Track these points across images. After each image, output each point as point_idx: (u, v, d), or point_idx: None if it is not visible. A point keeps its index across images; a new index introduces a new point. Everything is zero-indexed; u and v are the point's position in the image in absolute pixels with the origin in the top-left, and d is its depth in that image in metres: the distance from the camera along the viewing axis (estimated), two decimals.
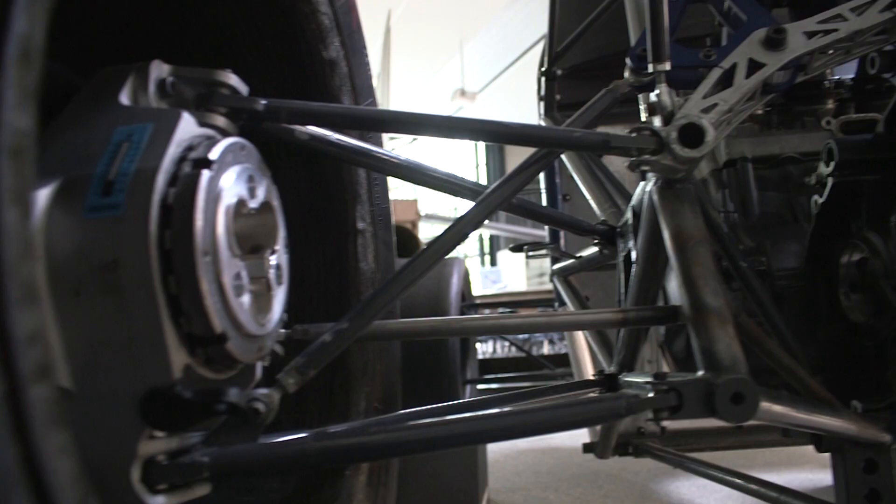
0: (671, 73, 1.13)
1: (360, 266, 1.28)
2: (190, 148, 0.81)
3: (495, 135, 1.02)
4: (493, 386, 4.98)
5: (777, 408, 1.04)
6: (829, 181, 1.41)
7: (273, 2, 1.10)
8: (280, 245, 0.95)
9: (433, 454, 2.84)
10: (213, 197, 0.78)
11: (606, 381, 1.50)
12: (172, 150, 0.78)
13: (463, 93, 14.89)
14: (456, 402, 1.25)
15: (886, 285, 1.35)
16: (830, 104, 1.88)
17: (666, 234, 1.10)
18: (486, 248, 18.99)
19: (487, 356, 6.81)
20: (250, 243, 0.91)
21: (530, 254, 2.48)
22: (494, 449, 4.40)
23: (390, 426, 0.89)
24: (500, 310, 6.11)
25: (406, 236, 7.69)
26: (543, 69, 2.35)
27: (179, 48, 1.19)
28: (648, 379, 1.06)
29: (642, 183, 1.29)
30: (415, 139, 13.80)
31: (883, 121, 1.38)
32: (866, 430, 1.21)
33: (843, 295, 1.48)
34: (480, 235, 17.78)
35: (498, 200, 1.06)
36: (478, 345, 6.39)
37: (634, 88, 1.15)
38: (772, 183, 1.79)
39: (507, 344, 7.18)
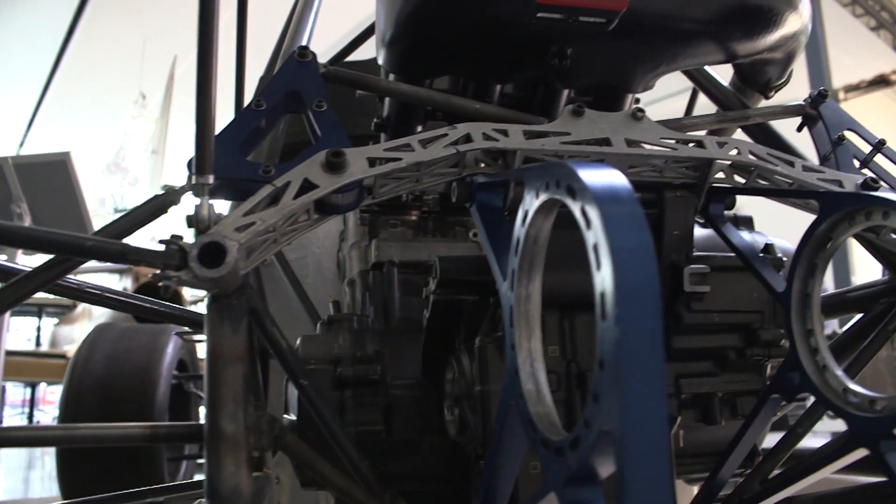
0: (226, 185, 1.09)
1: None
2: None
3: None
4: None
5: None
6: (431, 298, 1.43)
7: None
8: None
9: None
10: None
11: None
12: None
13: None
14: None
15: (467, 405, 1.38)
16: None
17: (205, 350, 1.05)
18: None
19: None
20: None
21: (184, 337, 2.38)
22: None
23: None
24: None
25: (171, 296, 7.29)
26: None
27: None
28: None
29: None
30: None
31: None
32: None
33: (447, 409, 1.50)
34: None
35: (21, 293, 0.97)
36: None
37: (195, 195, 1.10)
38: (416, 288, 1.81)
39: None
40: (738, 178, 1.40)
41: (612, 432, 0.71)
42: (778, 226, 2.10)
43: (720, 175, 1.39)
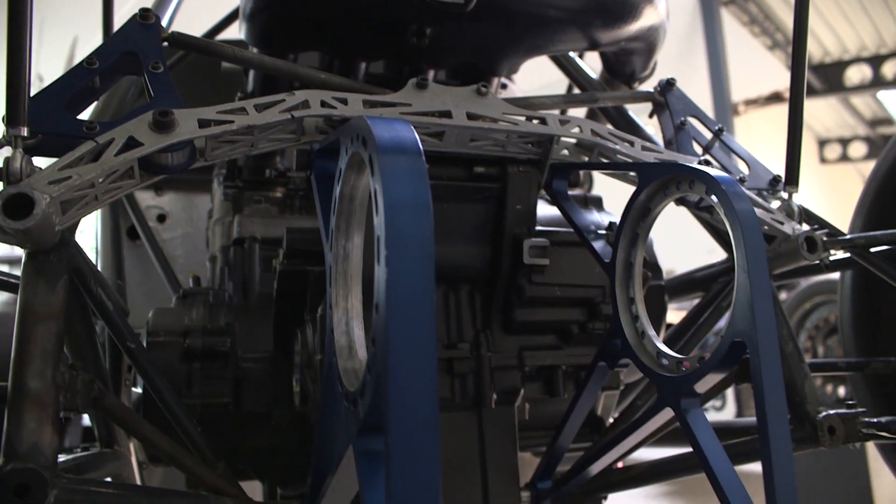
0: (49, 142, 1.07)
1: None
2: None
3: None
4: None
5: None
6: (279, 269, 1.43)
7: None
8: None
9: None
10: None
11: None
12: None
13: None
14: None
15: (308, 375, 1.38)
16: None
17: (17, 308, 1.03)
18: None
19: None
20: None
21: None
22: None
23: None
24: None
25: None
26: None
27: None
28: None
29: None
30: None
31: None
32: None
33: (296, 381, 1.50)
34: None
35: None
36: None
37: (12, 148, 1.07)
38: None
39: None
40: (584, 157, 1.45)
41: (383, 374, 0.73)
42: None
43: (566, 153, 1.44)
